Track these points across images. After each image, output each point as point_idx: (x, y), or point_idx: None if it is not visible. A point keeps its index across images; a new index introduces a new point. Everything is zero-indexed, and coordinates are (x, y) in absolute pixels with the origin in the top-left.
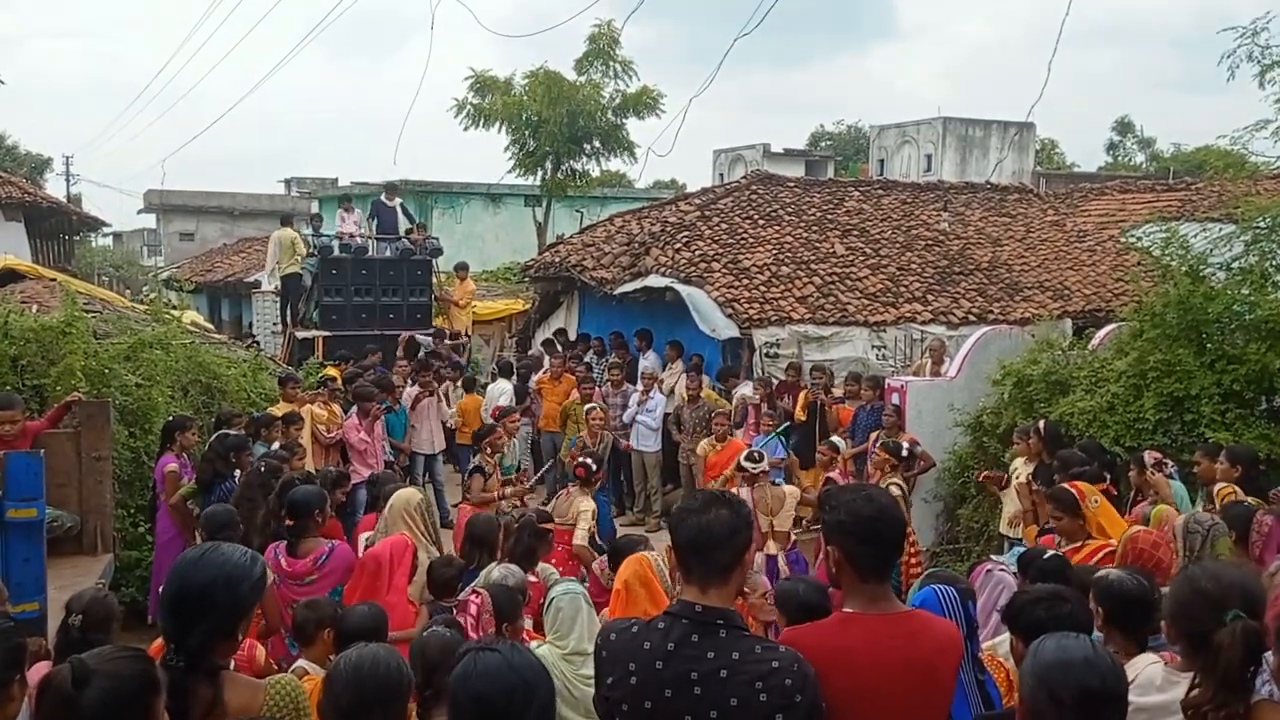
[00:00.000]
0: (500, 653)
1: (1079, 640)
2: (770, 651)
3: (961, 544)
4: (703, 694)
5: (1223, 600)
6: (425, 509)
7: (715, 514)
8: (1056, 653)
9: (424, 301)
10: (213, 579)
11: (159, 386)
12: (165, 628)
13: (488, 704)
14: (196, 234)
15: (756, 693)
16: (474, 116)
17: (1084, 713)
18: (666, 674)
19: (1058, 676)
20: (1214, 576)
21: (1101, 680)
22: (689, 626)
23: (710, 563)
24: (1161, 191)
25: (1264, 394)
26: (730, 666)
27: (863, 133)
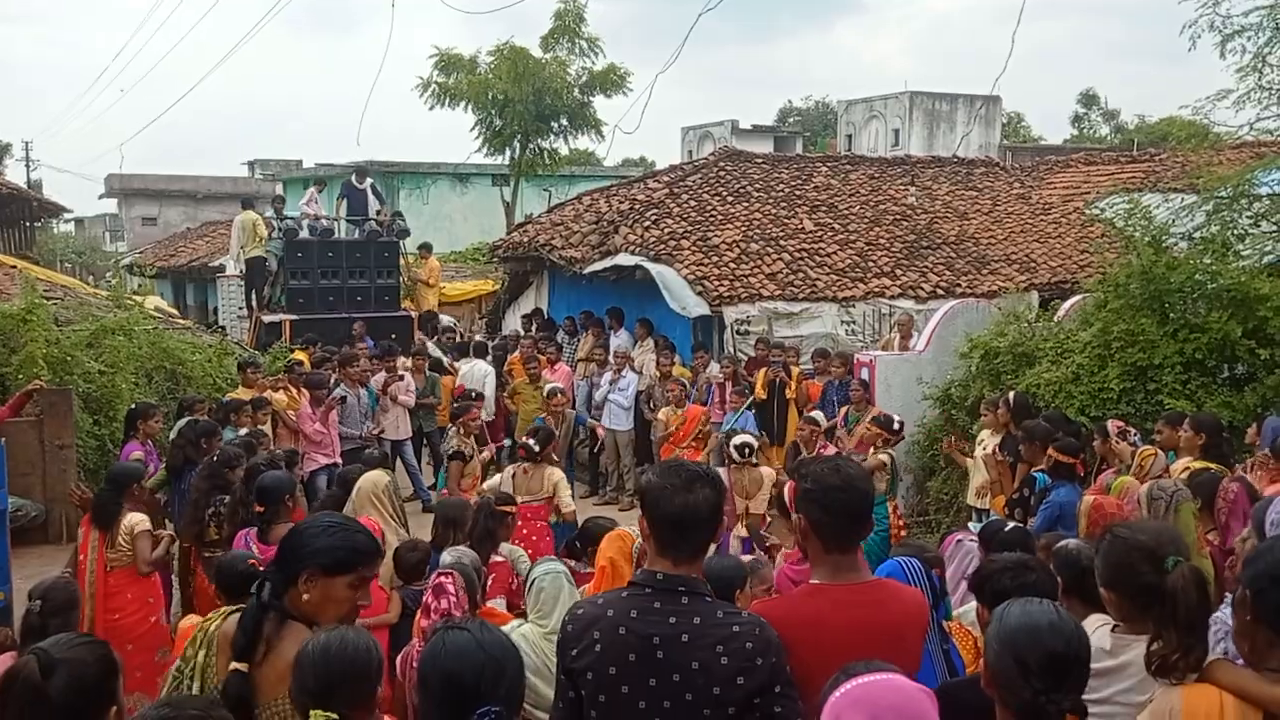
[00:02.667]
0: (469, 631)
1: (1043, 605)
2: (732, 616)
3: (931, 515)
4: (665, 657)
5: (1158, 550)
6: (392, 492)
7: (700, 493)
8: (1021, 618)
9: (392, 283)
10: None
11: (122, 373)
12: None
13: (456, 682)
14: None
15: (718, 656)
16: (439, 95)
17: (1049, 676)
18: (630, 639)
19: (1023, 641)
20: (1143, 530)
21: (1066, 643)
22: (651, 594)
23: (689, 541)
24: (1125, 163)
25: (1225, 362)
26: (691, 630)
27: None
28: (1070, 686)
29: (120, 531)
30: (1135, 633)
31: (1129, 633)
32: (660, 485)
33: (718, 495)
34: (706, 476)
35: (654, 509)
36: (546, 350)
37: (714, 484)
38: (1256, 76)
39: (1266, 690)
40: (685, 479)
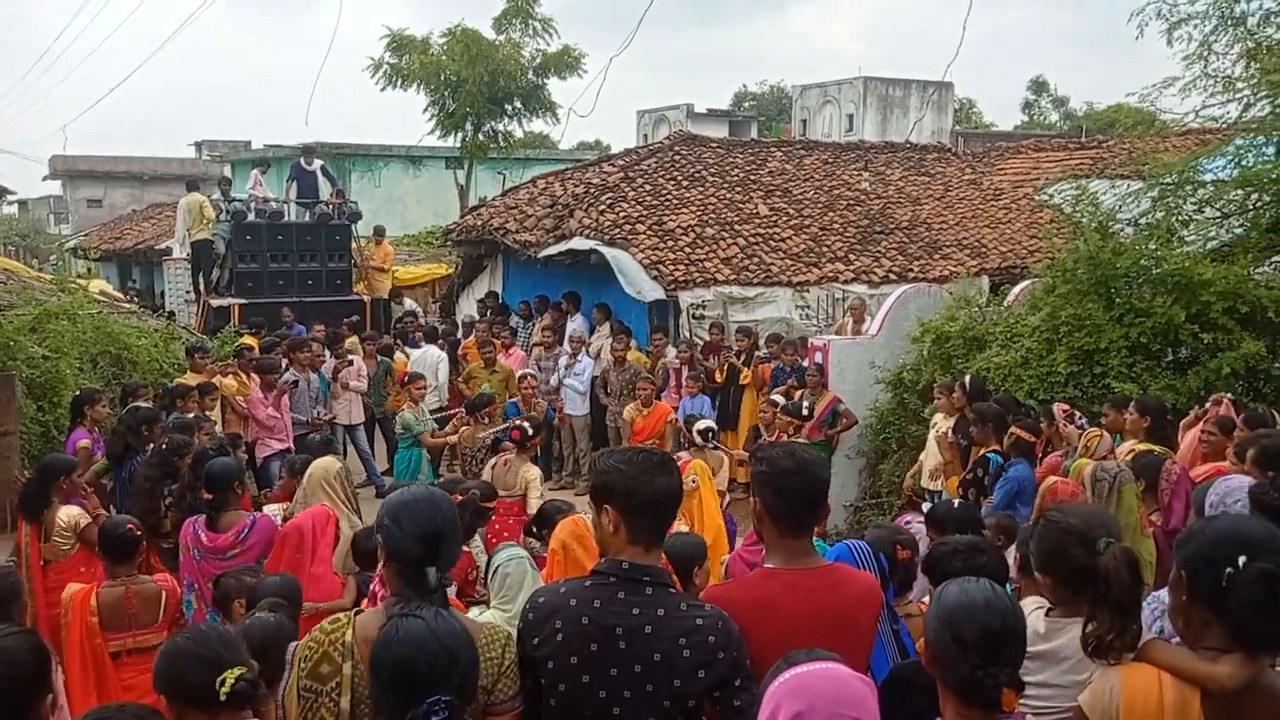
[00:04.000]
0: (423, 619)
1: (979, 583)
2: (695, 609)
3: (884, 498)
4: (627, 648)
5: (1090, 533)
6: (344, 477)
7: (673, 477)
8: (959, 596)
9: (343, 267)
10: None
11: (67, 358)
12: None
13: (408, 669)
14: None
15: (680, 648)
16: (391, 77)
17: (985, 651)
18: (592, 628)
19: (960, 618)
20: (1074, 513)
21: (1001, 620)
22: (616, 583)
23: (662, 524)
24: (1074, 150)
25: (1170, 346)
26: (655, 622)
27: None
28: (1006, 661)
29: (56, 526)
30: (1069, 615)
31: (1063, 616)
32: (634, 472)
33: (679, 481)
34: (669, 460)
35: (631, 496)
36: (501, 334)
37: (676, 470)
38: (1202, 64)
39: (1203, 668)
40: (655, 464)
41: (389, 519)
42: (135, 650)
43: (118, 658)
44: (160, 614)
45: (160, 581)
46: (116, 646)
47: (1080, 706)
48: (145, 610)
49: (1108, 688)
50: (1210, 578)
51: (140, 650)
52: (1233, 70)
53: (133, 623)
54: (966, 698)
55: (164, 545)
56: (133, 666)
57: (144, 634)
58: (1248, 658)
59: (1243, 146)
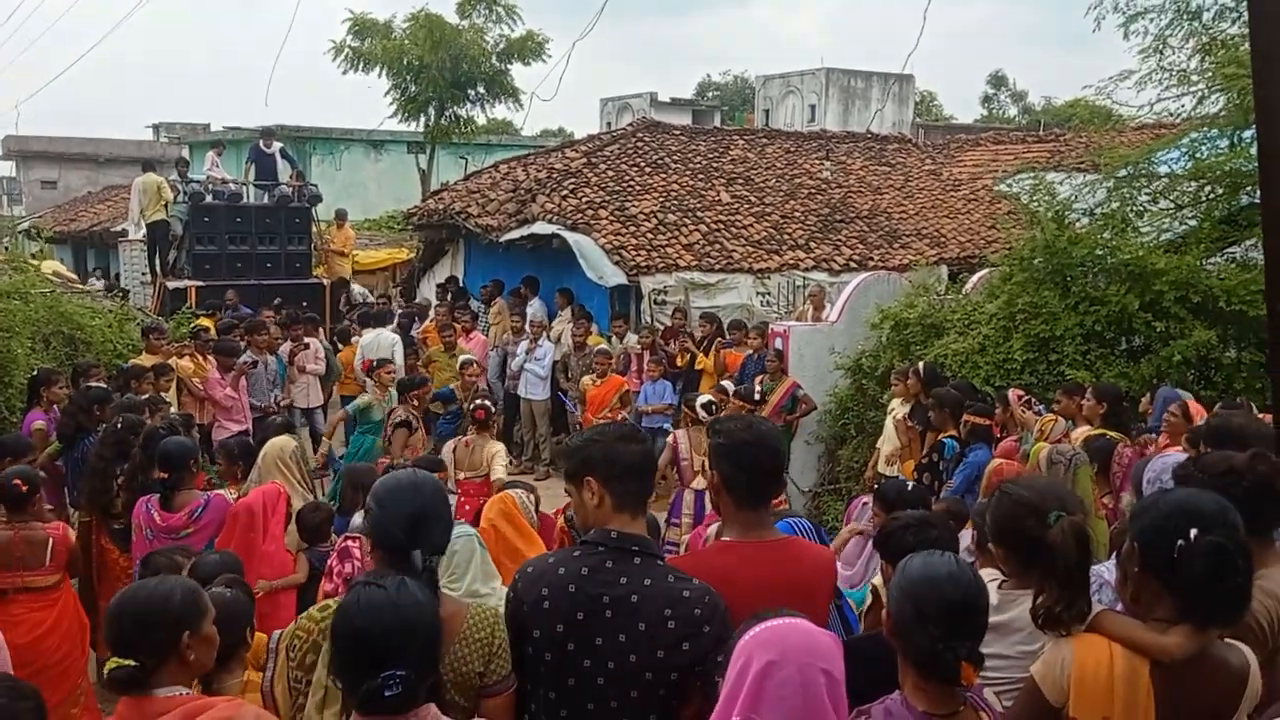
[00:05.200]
0: (385, 590)
1: (944, 557)
2: (683, 582)
3: (842, 484)
4: (613, 617)
5: (1041, 505)
6: (299, 457)
7: (644, 443)
8: (922, 569)
9: (303, 250)
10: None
11: (18, 338)
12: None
13: (365, 640)
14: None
15: (665, 620)
16: (353, 60)
17: (946, 624)
18: (579, 596)
19: (923, 591)
20: (1028, 486)
21: (964, 593)
22: (604, 553)
23: (643, 490)
24: (1032, 143)
25: (1123, 334)
26: (641, 592)
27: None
28: (967, 635)
29: None
30: (1022, 587)
31: (1016, 588)
32: (608, 440)
33: (652, 447)
34: (635, 429)
35: (611, 464)
36: (461, 319)
37: (642, 438)
38: (1158, 58)
39: (1154, 638)
40: (626, 433)
41: (374, 504)
42: (24, 590)
43: (5, 595)
44: (47, 558)
45: (49, 529)
46: (5, 585)
47: (1032, 677)
48: (32, 554)
49: (1059, 658)
50: (1162, 549)
51: (29, 590)
52: (1188, 64)
53: (20, 564)
54: (926, 670)
55: (115, 526)
56: (24, 604)
57: (31, 575)
58: (1197, 629)
59: (1196, 139)
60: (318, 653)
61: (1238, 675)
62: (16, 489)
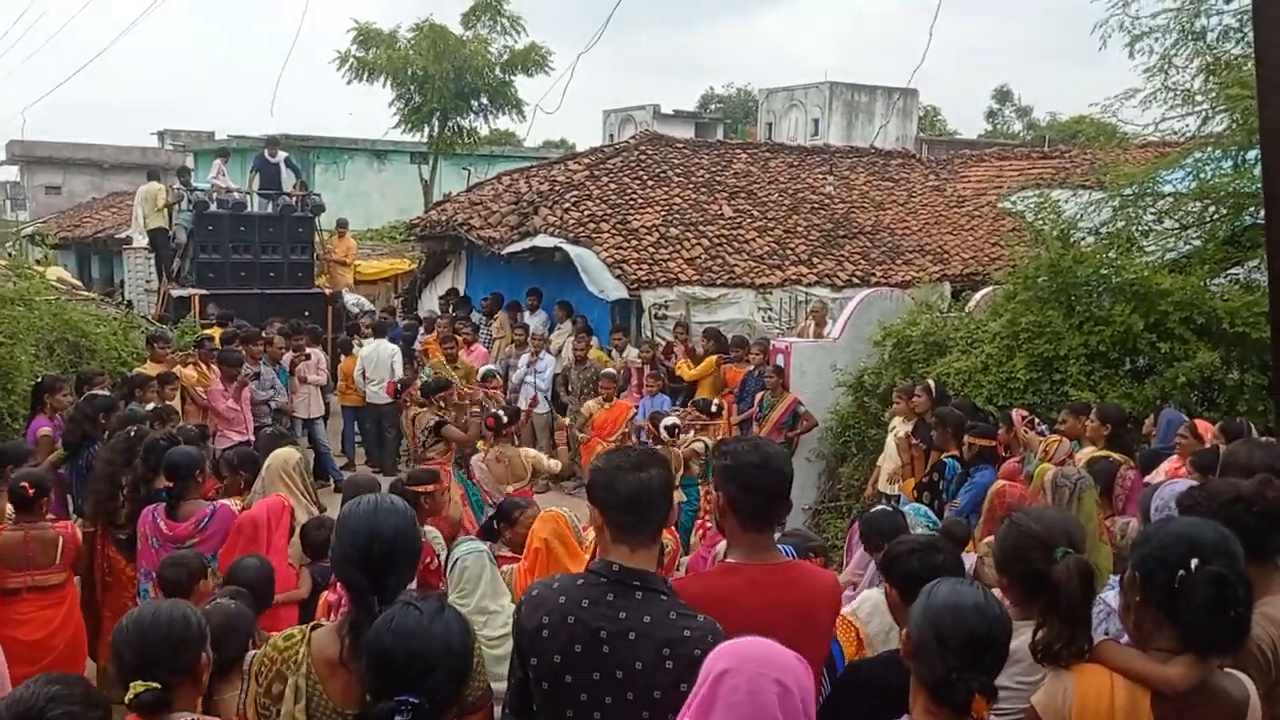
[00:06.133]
0: (421, 613)
1: (973, 587)
2: (685, 619)
3: (842, 501)
4: (610, 653)
5: (1049, 540)
6: (303, 469)
7: (651, 472)
8: (949, 597)
9: (305, 259)
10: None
11: (22, 345)
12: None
13: (388, 660)
14: (64, 188)
15: (663, 659)
16: (357, 70)
17: (965, 655)
18: (577, 629)
19: (948, 618)
20: (1038, 518)
21: (989, 627)
22: (606, 585)
23: (645, 521)
24: (1037, 159)
25: (1127, 354)
26: (639, 629)
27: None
28: (984, 668)
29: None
30: (1024, 618)
31: (1018, 618)
32: (611, 469)
33: (667, 473)
34: (654, 455)
35: (607, 494)
36: (463, 331)
37: (661, 462)
38: (1163, 77)
39: (1155, 669)
40: (635, 460)
41: (334, 537)
42: (34, 588)
43: (17, 593)
44: (58, 557)
45: (59, 528)
46: (16, 584)
47: (1033, 707)
48: (43, 553)
49: (1060, 689)
50: (1163, 579)
51: (39, 588)
52: (1192, 84)
53: (31, 564)
54: (938, 696)
55: (120, 536)
56: (33, 602)
57: (41, 574)
58: (1197, 659)
59: (1201, 159)
60: (284, 683)
61: (1238, 705)
62: (23, 491)
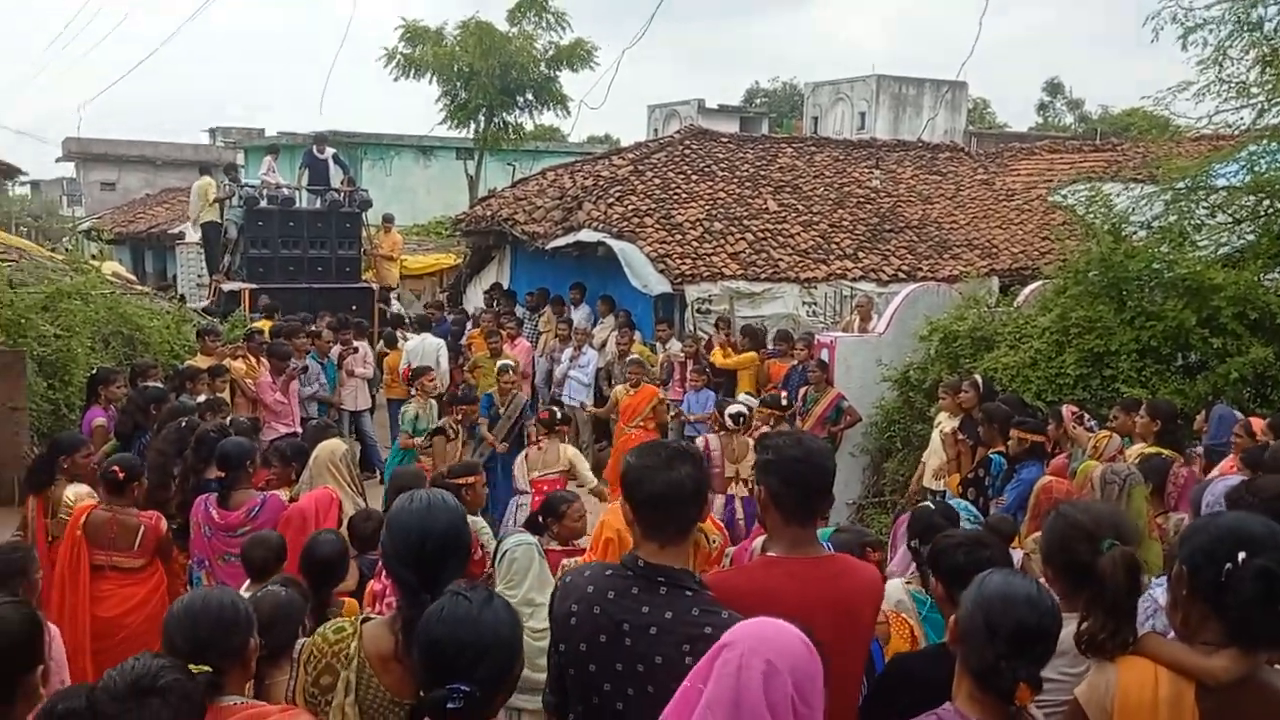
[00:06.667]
0: (471, 602)
1: (1025, 579)
2: (709, 616)
3: (887, 496)
4: (631, 645)
5: (1096, 531)
6: (350, 460)
7: (682, 470)
8: (1002, 587)
9: (353, 254)
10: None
11: (78, 338)
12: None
13: (438, 650)
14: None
15: (683, 655)
16: (404, 67)
17: (1015, 644)
18: (602, 619)
19: (998, 608)
20: (1085, 510)
21: (1039, 618)
22: (631, 579)
23: (674, 520)
24: (1089, 152)
25: (1179, 350)
26: (661, 624)
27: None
28: (1033, 658)
29: (63, 503)
30: (1069, 610)
31: (1065, 610)
32: (641, 465)
33: (700, 472)
34: (686, 454)
35: (636, 490)
36: (507, 325)
37: (695, 461)
38: (1217, 69)
39: (1199, 661)
40: (666, 457)
41: (384, 532)
42: (115, 568)
43: (101, 570)
44: (136, 544)
45: (142, 517)
46: (100, 560)
47: (1076, 699)
48: (123, 536)
49: (1104, 681)
50: (1210, 573)
51: (120, 569)
52: (1247, 76)
53: (112, 545)
54: (983, 683)
55: (171, 525)
56: (114, 580)
57: (120, 556)
58: (1243, 653)
59: (1255, 153)
60: (334, 676)
61: None
62: (114, 474)
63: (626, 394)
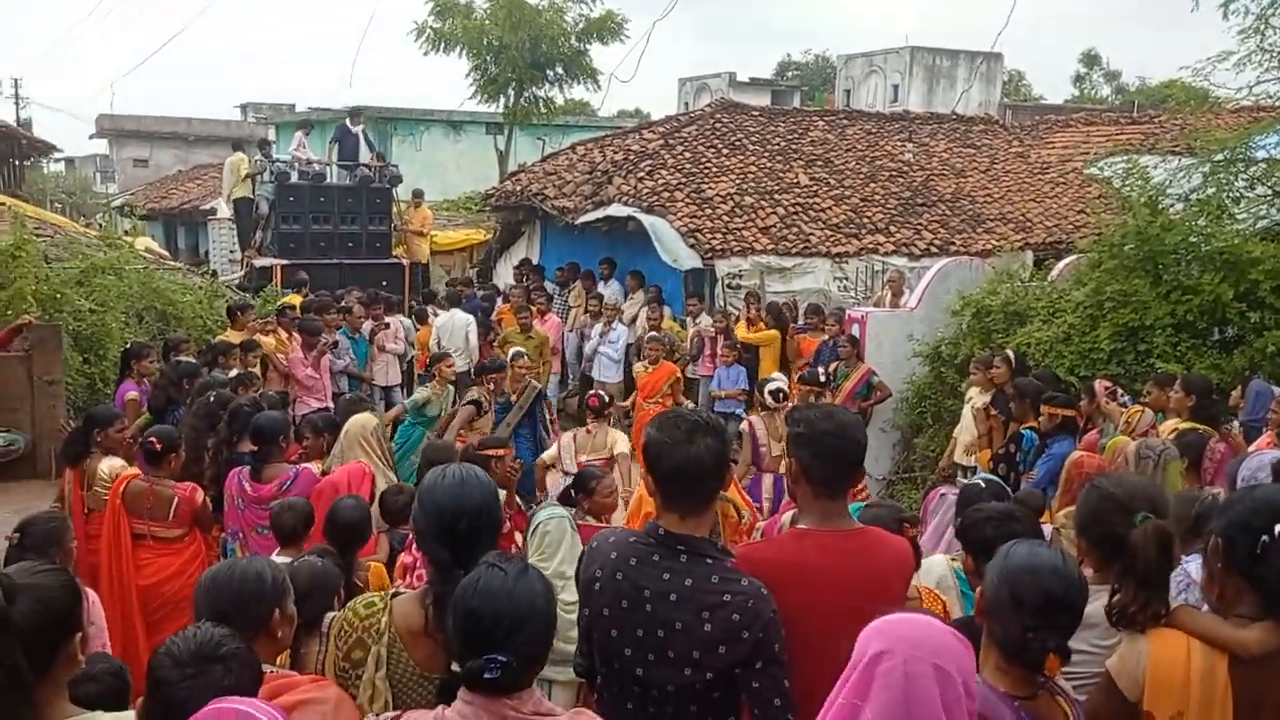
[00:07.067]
0: (505, 574)
1: (1051, 550)
2: (728, 583)
3: (917, 472)
4: (652, 611)
5: (1130, 504)
6: (380, 434)
7: (702, 444)
8: (1027, 557)
9: (383, 230)
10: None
11: (112, 312)
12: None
13: (473, 621)
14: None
15: (702, 621)
16: (434, 41)
17: (1041, 615)
18: (624, 585)
19: (1025, 579)
20: (1119, 483)
21: (1065, 588)
22: (653, 546)
23: (694, 493)
24: (1125, 124)
25: (1216, 324)
26: (680, 591)
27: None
28: (1060, 628)
29: (98, 476)
30: (1101, 583)
31: (1096, 583)
32: (660, 439)
33: (720, 444)
34: (707, 426)
35: (656, 463)
36: (537, 301)
37: (715, 433)
38: (1258, 39)
39: (1231, 633)
40: (686, 430)
41: (416, 508)
42: (154, 537)
43: (141, 538)
44: (170, 514)
45: (177, 489)
46: (140, 529)
47: (1108, 671)
48: (158, 507)
49: (1136, 653)
50: (1245, 546)
51: (156, 538)
52: None
53: (149, 514)
54: (1011, 655)
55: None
56: (152, 549)
57: (156, 526)
58: (1278, 625)
59: None
60: (365, 650)
61: None
62: (151, 446)
63: (645, 371)
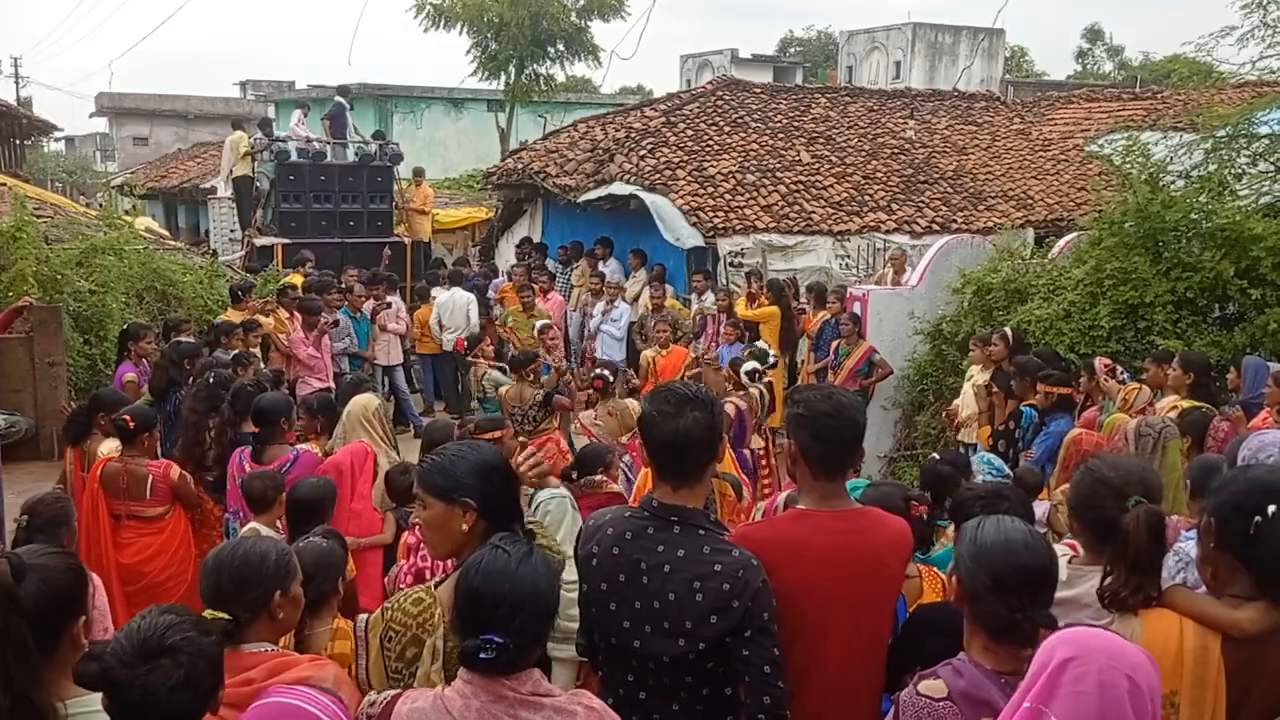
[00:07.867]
0: (509, 557)
1: (1015, 524)
2: (719, 554)
3: (919, 450)
4: (647, 584)
5: (1123, 487)
6: (383, 415)
7: (692, 417)
8: (996, 535)
9: (384, 209)
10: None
11: (113, 293)
12: None
13: (476, 601)
14: (150, 138)
15: (694, 592)
16: (434, 18)
17: (1026, 592)
18: (620, 559)
19: (1001, 560)
20: (1114, 466)
21: (1041, 561)
22: (648, 519)
23: (685, 465)
24: (1128, 100)
25: (1216, 301)
26: (674, 562)
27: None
28: (1044, 602)
29: (96, 457)
30: (1093, 564)
31: (1088, 564)
32: (652, 412)
33: (711, 417)
34: (698, 399)
35: (649, 436)
36: (539, 279)
37: (706, 406)
38: (1262, 13)
39: (1224, 613)
40: (676, 404)
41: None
42: (134, 516)
43: (120, 519)
44: (148, 492)
45: (150, 466)
46: (119, 510)
47: None
48: (134, 486)
49: (1128, 632)
50: (1239, 525)
51: (138, 517)
52: None
53: (125, 494)
54: (1003, 638)
55: (207, 478)
56: (134, 529)
57: (135, 505)
58: (1272, 605)
59: None
60: (420, 646)
61: None
62: (125, 424)
63: (658, 355)
